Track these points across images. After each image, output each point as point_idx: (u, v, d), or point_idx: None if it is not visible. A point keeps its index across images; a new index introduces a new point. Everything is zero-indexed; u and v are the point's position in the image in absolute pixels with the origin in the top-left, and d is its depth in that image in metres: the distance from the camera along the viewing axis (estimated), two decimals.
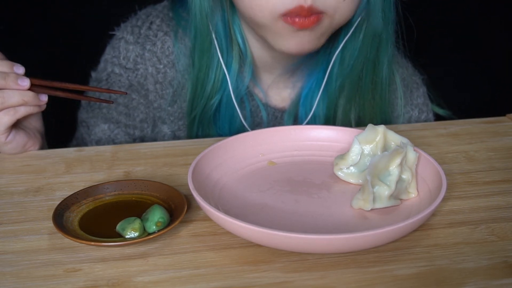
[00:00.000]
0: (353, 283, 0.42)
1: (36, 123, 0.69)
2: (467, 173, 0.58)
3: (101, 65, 0.84)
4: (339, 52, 0.76)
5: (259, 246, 0.46)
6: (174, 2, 0.83)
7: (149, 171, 0.60)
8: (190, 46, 0.78)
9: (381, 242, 0.43)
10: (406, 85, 0.85)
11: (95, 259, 0.45)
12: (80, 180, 0.59)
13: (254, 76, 0.80)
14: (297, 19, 0.65)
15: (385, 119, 0.81)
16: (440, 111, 0.87)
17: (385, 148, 0.55)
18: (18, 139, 0.65)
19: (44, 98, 0.65)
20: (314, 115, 0.80)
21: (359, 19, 0.73)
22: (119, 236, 0.47)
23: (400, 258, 0.44)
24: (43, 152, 0.66)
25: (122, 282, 0.42)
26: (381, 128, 0.55)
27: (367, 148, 0.56)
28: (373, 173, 0.50)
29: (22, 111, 0.63)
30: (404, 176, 0.52)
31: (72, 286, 0.42)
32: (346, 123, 0.79)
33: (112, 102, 0.68)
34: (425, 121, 0.86)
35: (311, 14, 0.64)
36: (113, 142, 0.83)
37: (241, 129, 0.80)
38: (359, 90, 0.78)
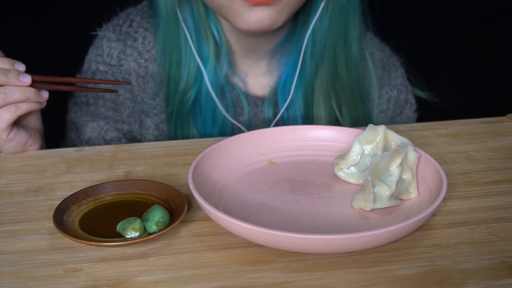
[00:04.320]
0: (354, 283, 0.42)
1: (36, 122, 0.69)
2: (468, 173, 0.58)
3: (85, 65, 0.85)
4: (310, 34, 0.78)
5: (259, 246, 0.46)
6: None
7: (149, 171, 0.60)
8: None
9: (381, 242, 0.43)
10: (384, 66, 0.87)
11: (95, 259, 0.45)
12: (80, 180, 0.59)
13: (232, 65, 0.82)
14: None
15: (362, 96, 0.82)
16: (421, 94, 0.89)
17: (385, 148, 0.55)
18: (19, 137, 0.65)
19: (45, 95, 0.65)
20: (292, 100, 0.81)
21: None
22: (119, 236, 0.47)
23: (400, 258, 0.44)
24: (43, 152, 0.66)
25: (123, 282, 0.42)
26: (381, 128, 0.55)
27: (368, 148, 0.56)
28: (374, 173, 0.50)
29: (23, 108, 0.63)
30: (404, 176, 0.52)
31: (72, 286, 0.42)
32: (327, 105, 0.80)
33: (117, 91, 0.69)
34: (405, 101, 0.88)
35: None
36: (103, 139, 0.84)
37: (225, 120, 0.81)
38: (335, 68, 0.79)
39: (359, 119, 0.82)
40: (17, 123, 0.65)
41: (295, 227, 0.48)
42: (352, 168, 0.56)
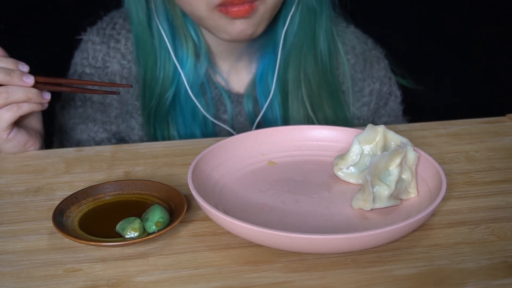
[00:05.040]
0: (353, 283, 0.42)
1: (37, 124, 0.69)
2: (467, 173, 0.58)
3: (71, 69, 0.86)
4: (285, 32, 0.79)
5: (259, 246, 0.46)
6: None
7: (148, 171, 0.60)
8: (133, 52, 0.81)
9: (381, 242, 0.43)
10: (365, 59, 0.88)
11: (95, 259, 0.45)
12: (80, 180, 0.59)
13: (213, 64, 0.83)
14: (230, 9, 0.68)
15: (334, 93, 0.83)
16: (404, 82, 0.90)
17: (385, 148, 0.55)
18: (20, 137, 0.65)
19: (47, 96, 0.65)
20: (272, 96, 0.82)
21: None
22: (119, 236, 0.47)
23: (399, 258, 0.44)
24: (43, 152, 0.67)
25: (122, 282, 0.42)
26: (381, 128, 0.55)
27: (367, 148, 0.56)
28: (373, 173, 0.50)
29: (25, 108, 0.63)
30: (404, 176, 0.52)
31: (72, 286, 0.42)
32: (300, 102, 0.81)
33: (118, 93, 0.69)
34: (389, 93, 0.89)
35: (244, 2, 0.68)
36: (93, 140, 0.84)
37: (206, 119, 0.82)
38: (304, 67, 0.81)
39: (331, 116, 0.83)
40: (18, 123, 0.65)
41: (295, 227, 0.48)
42: (351, 168, 0.56)
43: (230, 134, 0.82)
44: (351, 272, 0.43)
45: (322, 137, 0.62)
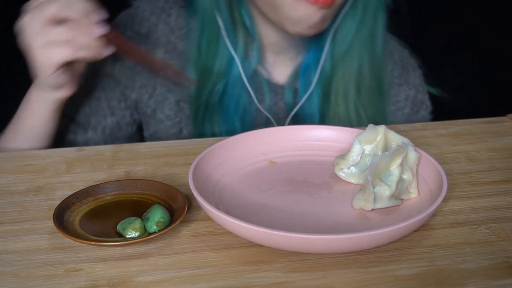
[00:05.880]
0: (354, 283, 0.42)
1: (80, 67, 0.69)
2: (468, 173, 0.58)
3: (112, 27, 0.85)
4: (340, 25, 0.79)
5: (259, 246, 0.46)
6: None
7: (149, 171, 0.60)
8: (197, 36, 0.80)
9: (382, 242, 0.43)
10: (403, 66, 0.89)
11: (95, 259, 0.45)
12: (80, 180, 0.59)
13: (260, 55, 0.83)
14: None
15: (381, 91, 0.83)
16: (432, 90, 0.91)
17: (385, 148, 0.55)
18: (61, 79, 0.65)
19: (107, 52, 0.65)
20: (312, 90, 0.82)
21: None
22: (119, 236, 0.47)
23: (400, 258, 0.44)
24: (44, 152, 0.66)
25: (123, 282, 0.42)
26: (381, 128, 0.55)
27: (368, 148, 0.56)
28: (374, 173, 0.50)
29: (81, 54, 0.63)
30: (405, 176, 0.52)
31: (72, 286, 0.42)
32: (348, 97, 0.81)
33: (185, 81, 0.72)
34: (422, 101, 0.90)
35: None
36: (106, 97, 0.82)
37: (247, 107, 0.81)
38: (360, 62, 0.81)
39: (377, 114, 0.83)
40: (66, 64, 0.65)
41: (295, 227, 0.48)
42: (352, 168, 0.56)
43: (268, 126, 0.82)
44: (352, 272, 0.43)
45: (322, 137, 0.62)
